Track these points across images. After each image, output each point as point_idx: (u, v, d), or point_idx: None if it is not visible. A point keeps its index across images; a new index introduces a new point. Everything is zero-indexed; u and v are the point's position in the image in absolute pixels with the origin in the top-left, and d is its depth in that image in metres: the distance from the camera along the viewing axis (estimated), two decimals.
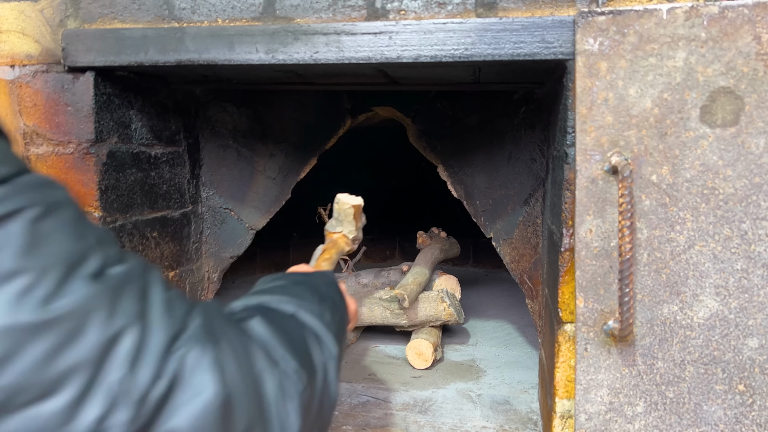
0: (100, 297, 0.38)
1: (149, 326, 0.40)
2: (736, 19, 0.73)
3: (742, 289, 0.74)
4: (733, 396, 0.75)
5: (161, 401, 0.39)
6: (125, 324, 0.38)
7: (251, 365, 0.45)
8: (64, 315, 0.36)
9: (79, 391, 0.36)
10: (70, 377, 0.36)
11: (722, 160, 0.74)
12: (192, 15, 0.90)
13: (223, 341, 0.43)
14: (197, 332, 0.42)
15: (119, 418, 0.37)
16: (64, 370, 0.35)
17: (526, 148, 1.23)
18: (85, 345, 0.36)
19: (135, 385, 0.38)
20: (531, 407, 1.13)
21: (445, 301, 1.42)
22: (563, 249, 0.82)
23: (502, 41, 0.80)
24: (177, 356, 0.40)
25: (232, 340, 0.44)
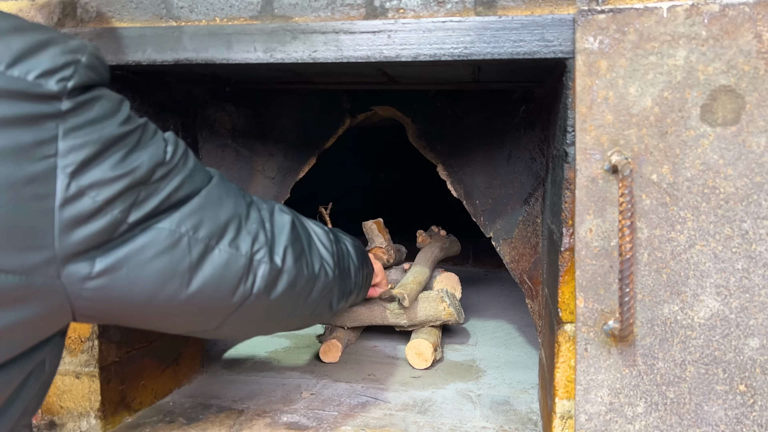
0: (220, 186, 0.69)
1: (251, 197, 0.74)
2: (737, 17, 0.72)
3: (743, 289, 0.74)
4: (734, 396, 0.75)
5: (272, 232, 0.71)
6: (237, 194, 0.70)
7: (300, 216, 0.84)
8: (214, 196, 0.66)
9: (235, 231, 0.66)
10: (229, 225, 0.66)
11: (723, 159, 0.73)
12: (190, 14, 0.90)
13: (283, 207, 0.79)
14: (271, 203, 0.77)
15: (259, 242, 0.68)
16: (225, 221, 0.65)
17: (526, 148, 1.22)
18: (227, 208, 0.67)
19: (259, 225, 0.70)
20: (531, 407, 1.13)
21: (445, 301, 1.41)
22: (563, 249, 0.81)
23: (502, 40, 0.80)
24: (267, 211, 0.74)
25: (291, 211, 0.80)
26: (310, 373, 1.33)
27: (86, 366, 0.99)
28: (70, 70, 0.50)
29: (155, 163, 0.58)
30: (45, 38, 0.50)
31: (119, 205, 0.54)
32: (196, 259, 0.61)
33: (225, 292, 0.65)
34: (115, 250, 0.55)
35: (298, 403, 1.15)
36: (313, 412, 1.10)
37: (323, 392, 1.21)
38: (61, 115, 0.50)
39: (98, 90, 0.54)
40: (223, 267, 0.64)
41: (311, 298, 0.79)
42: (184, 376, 1.25)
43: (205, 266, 0.62)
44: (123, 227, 0.55)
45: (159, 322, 0.66)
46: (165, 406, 1.14)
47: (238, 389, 1.22)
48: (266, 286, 0.69)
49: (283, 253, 0.71)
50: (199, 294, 0.62)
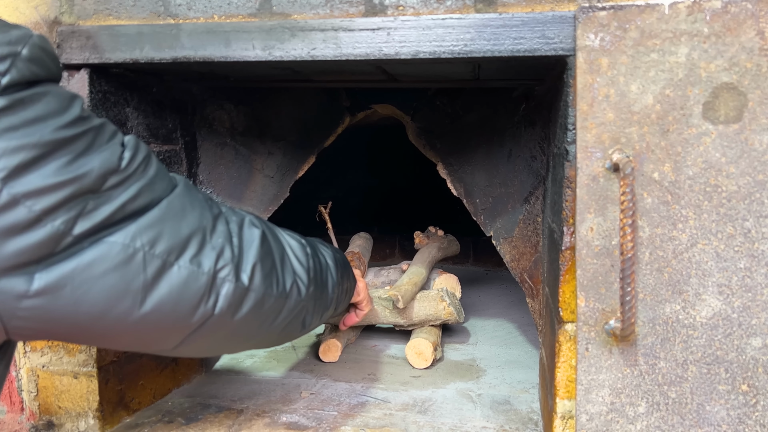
0: (185, 195, 0.63)
1: (219, 209, 0.67)
2: (739, 14, 0.72)
3: (745, 288, 0.73)
4: (737, 396, 0.75)
5: (239, 247, 0.65)
6: (203, 206, 0.64)
7: (273, 228, 0.77)
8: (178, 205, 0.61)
9: (198, 246, 0.60)
10: (191, 239, 0.60)
11: (725, 157, 0.73)
12: (188, 11, 0.89)
13: (253, 219, 0.72)
14: (240, 213, 0.71)
15: (224, 259, 0.62)
16: (187, 235, 0.59)
17: (527, 146, 1.22)
18: (191, 220, 0.61)
19: (225, 239, 0.64)
20: (531, 407, 1.12)
21: (445, 300, 1.41)
22: (564, 247, 0.81)
23: (502, 37, 0.79)
24: (235, 223, 0.68)
25: (262, 222, 0.74)
26: (309, 372, 1.32)
27: (84, 366, 0.98)
28: (6, 63, 0.46)
29: (107, 170, 0.52)
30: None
31: (62, 216, 0.48)
32: (151, 277, 0.55)
33: (183, 312, 0.59)
34: (57, 265, 0.49)
35: (298, 403, 1.14)
36: (313, 412, 1.10)
37: (323, 392, 1.20)
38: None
39: (43, 86, 0.49)
40: (182, 285, 0.58)
41: (281, 318, 0.72)
42: (183, 376, 1.24)
43: (162, 284, 0.56)
44: (67, 240, 0.49)
45: (107, 341, 0.61)
46: (164, 406, 1.13)
47: (237, 389, 1.22)
48: (230, 306, 0.63)
49: (251, 270, 0.65)
50: (153, 314, 0.57)
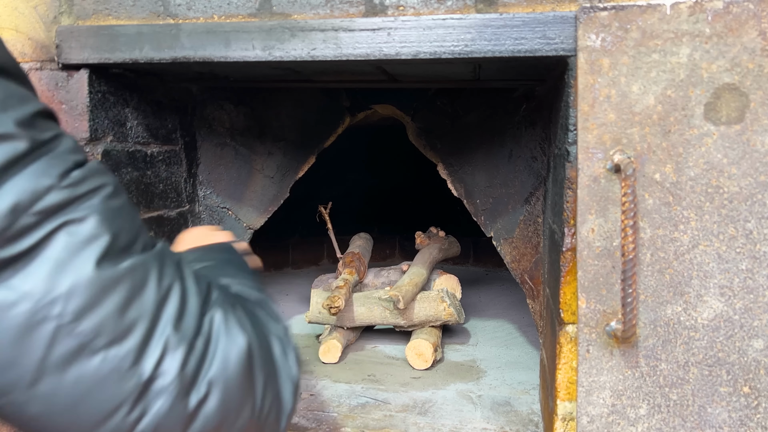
0: (153, 262, 0.45)
1: (187, 290, 0.47)
2: (740, 14, 0.71)
3: (747, 290, 0.73)
4: (738, 398, 0.74)
5: (202, 354, 0.46)
6: (171, 284, 0.46)
7: (261, 326, 0.53)
8: (133, 271, 0.43)
9: (143, 337, 0.43)
10: (136, 325, 0.43)
11: (727, 158, 0.73)
12: (187, 11, 0.89)
13: (238, 307, 0.52)
14: (219, 299, 0.50)
15: (172, 365, 0.43)
16: (133, 319, 0.42)
17: (527, 146, 1.22)
18: (147, 298, 0.44)
19: (182, 337, 0.45)
20: (532, 408, 1.12)
21: (445, 301, 1.40)
22: (565, 249, 0.80)
23: (503, 37, 0.79)
24: (209, 317, 0.47)
25: (243, 307, 0.53)
26: (309, 373, 1.32)
27: None
28: None
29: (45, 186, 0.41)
30: None
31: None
32: (58, 360, 0.41)
33: (84, 419, 0.43)
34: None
35: (298, 404, 1.14)
36: (313, 413, 1.09)
37: (323, 393, 1.20)
38: None
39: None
40: (98, 382, 0.42)
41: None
42: None
43: (69, 373, 0.41)
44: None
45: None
46: None
47: None
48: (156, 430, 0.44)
49: (208, 388, 0.45)
50: (43, 407, 0.42)
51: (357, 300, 1.45)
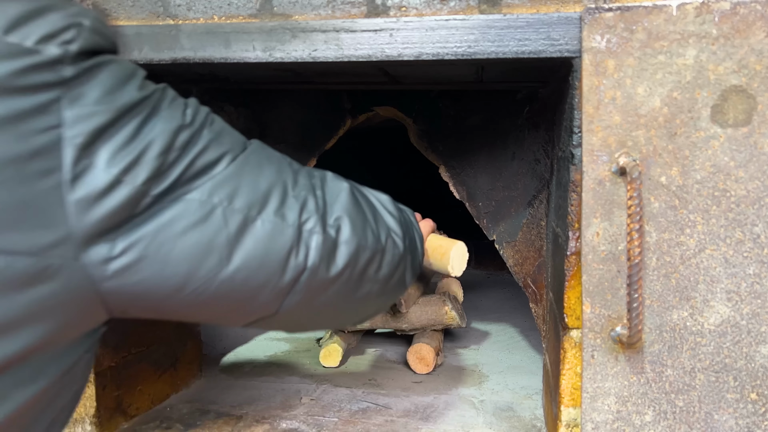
0: (258, 151, 0.61)
1: (292, 164, 0.65)
2: (748, 15, 0.70)
3: (754, 295, 0.72)
4: (745, 405, 0.73)
5: (323, 200, 0.63)
6: (279, 162, 0.63)
7: (360, 188, 0.73)
8: (249, 161, 0.59)
9: (280, 199, 0.59)
10: (271, 192, 0.59)
11: (734, 161, 0.71)
12: (187, 12, 0.88)
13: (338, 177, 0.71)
14: (331, 174, 0.70)
15: (309, 210, 0.61)
16: (266, 189, 0.59)
17: (530, 149, 1.21)
18: (267, 174, 0.60)
19: (305, 192, 0.62)
20: (535, 414, 1.11)
21: (447, 305, 1.39)
22: (569, 252, 0.79)
23: (506, 38, 0.78)
24: (316, 178, 0.66)
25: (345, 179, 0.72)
26: (309, 377, 1.31)
27: None
28: (72, 32, 0.46)
29: (176, 127, 0.52)
30: (44, 4, 0.46)
31: (140, 176, 0.49)
32: (234, 232, 0.55)
33: (273, 267, 0.58)
34: (139, 226, 0.50)
35: (298, 409, 1.13)
36: (313, 419, 1.08)
37: (323, 398, 1.19)
38: (64, 82, 0.46)
39: (105, 56, 0.50)
40: (268, 239, 0.57)
41: (381, 274, 0.69)
42: (181, 381, 1.23)
43: (246, 239, 0.56)
44: (146, 200, 0.50)
45: (206, 308, 0.58)
46: (162, 411, 1.12)
47: (237, 394, 1.20)
48: (322, 258, 0.61)
49: (338, 221, 0.63)
50: (243, 270, 0.56)
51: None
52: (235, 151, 0.58)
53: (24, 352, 0.47)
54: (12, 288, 0.44)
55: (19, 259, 0.44)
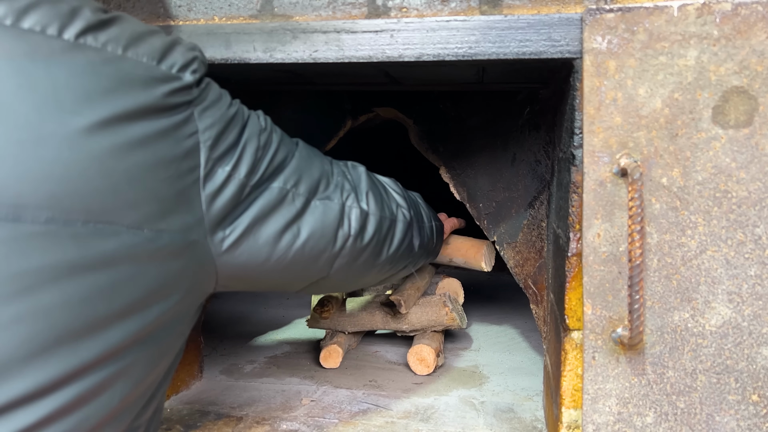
0: (301, 147, 0.76)
1: (338, 162, 0.83)
2: (749, 16, 0.70)
3: (756, 296, 0.72)
4: (747, 407, 0.73)
5: (352, 181, 0.81)
6: (320, 155, 0.80)
7: (375, 177, 0.90)
8: (299, 154, 0.74)
9: (325, 183, 0.75)
10: (321, 180, 0.74)
11: (735, 162, 0.71)
12: (188, 13, 0.88)
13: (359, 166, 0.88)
14: (350, 162, 0.87)
15: (345, 189, 0.78)
16: (317, 177, 0.74)
17: (531, 150, 1.20)
18: (316, 166, 0.75)
19: (341, 177, 0.79)
20: (536, 415, 1.11)
21: (448, 306, 1.39)
22: (570, 254, 0.79)
23: (507, 39, 0.78)
24: (342, 166, 0.83)
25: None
26: (310, 379, 1.31)
27: None
28: (197, 63, 0.59)
29: (259, 130, 0.67)
30: (170, 39, 0.59)
31: (243, 170, 0.62)
32: (300, 211, 0.70)
33: (329, 238, 0.73)
34: (243, 212, 0.63)
35: (298, 410, 1.13)
36: (313, 420, 1.08)
37: (323, 399, 1.18)
38: (193, 100, 0.58)
39: (207, 78, 0.63)
40: (323, 215, 0.72)
41: (396, 239, 0.87)
42: (181, 382, 1.23)
43: (308, 217, 0.71)
44: (246, 190, 0.63)
45: (281, 275, 0.72)
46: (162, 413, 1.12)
47: (237, 395, 1.20)
48: (359, 228, 0.78)
49: (366, 197, 0.80)
50: (308, 242, 0.71)
51: (358, 304, 1.44)
52: (293, 148, 0.73)
53: (172, 312, 0.58)
54: (170, 257, 0.56)
55: (177, 235, 0.56)
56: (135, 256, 0.52)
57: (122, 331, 0.52)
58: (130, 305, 0.52)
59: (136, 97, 0.52)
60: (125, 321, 0.52)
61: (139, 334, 0.54)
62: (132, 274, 0.52)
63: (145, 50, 0.55)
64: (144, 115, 0.53)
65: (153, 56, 0.56)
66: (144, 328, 0.54)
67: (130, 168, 0.52)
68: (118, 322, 0.51)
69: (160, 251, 0.55)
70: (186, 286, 0.59)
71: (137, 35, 0.56)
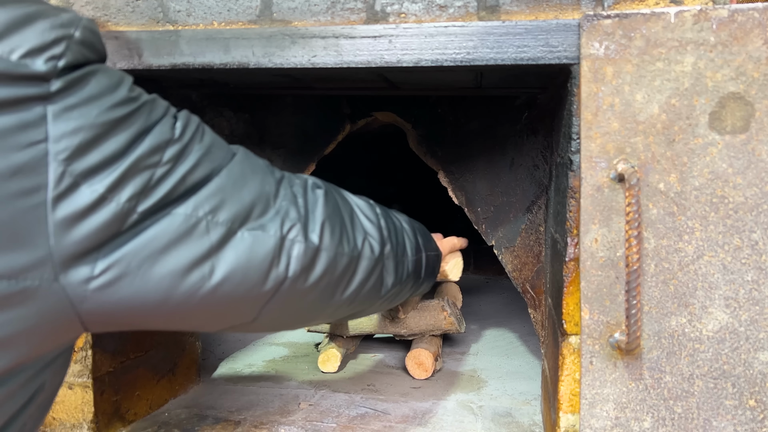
0: (243, 161, 0.61)
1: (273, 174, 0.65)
2: (746, 22, 0.71)
3: (752, 301, 0.72)
4: (744, 411, 0.73)
5: (305, 207, 0.63)
6: (261, 173, 0.62)
7: (338, 191, 0.75)
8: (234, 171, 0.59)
9: (261, 211, 0.59)
10: (255, 206, 0.58)
11: (732, 168, 0.72)
12: (187, 18, 0.88)
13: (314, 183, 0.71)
14: (311, 180, 0.70)
15: (291, 220, 0.61)
16: (250, 201, 0.58)
17: (529, 155, 1.21)
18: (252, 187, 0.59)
19: (287, 203, 0.62)
20: (533, 419, 1.11)
21: (446, 310, 1.39)
22: (568, 259, 0.79)
23: (505, 45, 0.78)
24: (295, 187, 0.66)
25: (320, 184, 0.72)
26: (308, 383, 1.31)
27: (79, 376, 0.97)
28: (61, 46, 0.45)
29: (164, 141, 0.51)
30: (31, 11, 0.44)
31: (126, 193, 0.47)
32: (216, 244, 0.54)
33: (255, 279, 0.57)
34: (123, 244, 0.48)
35: (296, 415, 1.13)
36: (312, 424, 1.08)
37: (321, 403, 1.18)
38: (49, 96, 0.44)
39: (92, 66, 0.48)
40: (249, 251, 0.56)
41: (357, 279, 0.69)
42: (180, 386, 1.23)
43: (227, 252, 0.55)
44: (132, 218, 0.48)
45: (184, 320, 0.58)
46: (160, 417, 1.12)
47: (235, 400, 1.20)
48: (303, 268, 0.61)
49: (320, 229, 0.63)
50: (224, 284, 0.55)
51: None
52: (222, 163, 0.57)
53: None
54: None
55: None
56: None
57: None
58: None
59: None
60: None
61: None
62: None
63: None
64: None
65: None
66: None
67: None
68: None
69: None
70: (16, 346, 0.46)
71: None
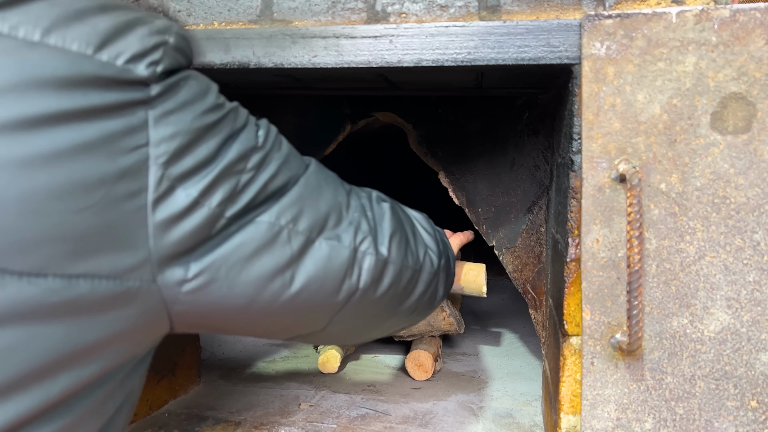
0: (317, 172, 0.64)
1: (359, 193, 0.69)
2: (747, 22, 0.70)
3: (754, 302, 0.72)
4: (746, 413, 0.73)
5: (373, 221, 0.66)
6: (335, 184, 0.65)
7: (398, 204, 0.79)
8: (309, 183, 0.60)
9: (335, 222, 0.60)
10: (329, 216, 0.60)
11: (734, 168, 0.71)
12: (188, 18, 0.88)
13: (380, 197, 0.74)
14: (375, 193, 0.74)
15: (363, 232, 0.63)
16: (325, 212, 0.60)
17: (530, 155, 1.21)
18: (326, 198, 0.62)
19: (357, 214, 0.64)
20: (534, 420, 1.10)
21: (446, 310, 1.39)
22: (569, 259, 0.79)
23: (506, 45, 0.78)
24: (363, 200, 0.68)
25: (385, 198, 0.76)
26: (308, 383, 1.30)
27: None
28: (159, 52, 0.46)
29: (249, 148, 0.53)
30: (131, 18, 0.46)
31: (216, 198, 0.49)
32: (297, 253, 0.55)
33: (330, 289, 0.59)
34: (213, 249, 0.50)
35: (296, 415, 1.12)
36: (312, 425, 1.08)
37: (322, 404, 1.18)
38: (150, 101, 0.45)
39: (185, 71, 0.49)
40: (326, 260, 0.58)
41: (417, 291, 0.72)
42: (180, 387, 1.23)
43: (307, 261, 0.56)
44: (221, 222, 0.49)
45: (262, 326, 0.60)
46: (160, 417, 1.11)
47: (235, 400, 1.20)
48: (373, 280, 0.63)
49: (389, 242, 0.65)
50: (303, 292, 0.57)
51: None
52: (299, 173, 0.59)
53: (99, 374, 0.46)
54: (94, 312, 0.44)
55: (102, 282, 0.43)
56: (28, 313, 0.40)
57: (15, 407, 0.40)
58: (19, 379, 0.40)
59: (43, 99, 0.40)
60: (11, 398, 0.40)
61: (38, 409, 0.41)
62: (22, 338, 0.40)
63: (79, 34, 0.42)
64: (51, 123, 0.40)
65: (89, 42, 0.43)
66: (44, 403, 0.42)
67: (24, 195, 0.39)
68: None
69: (74, 304, 0.42)
70: (116, 347, 0.46)
71: (73, 13, 0.43)
